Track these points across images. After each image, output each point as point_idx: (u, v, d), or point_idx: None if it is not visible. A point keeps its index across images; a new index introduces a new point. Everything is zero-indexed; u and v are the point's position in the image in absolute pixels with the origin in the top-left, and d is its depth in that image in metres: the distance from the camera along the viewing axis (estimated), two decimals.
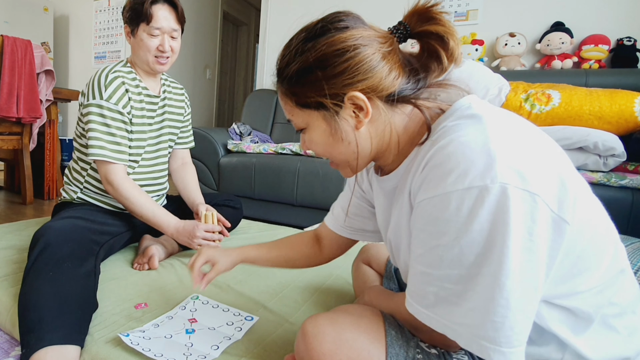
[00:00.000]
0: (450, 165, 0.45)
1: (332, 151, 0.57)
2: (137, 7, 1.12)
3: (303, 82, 0.54)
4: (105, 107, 1.11)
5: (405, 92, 0.54)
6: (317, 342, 0.52)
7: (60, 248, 0.89)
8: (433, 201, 0.46)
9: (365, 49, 0.51)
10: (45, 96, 2.38)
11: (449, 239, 0.45)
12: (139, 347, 0.72)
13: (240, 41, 5.54)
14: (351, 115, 0.53)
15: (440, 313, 0.47)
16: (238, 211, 1.52)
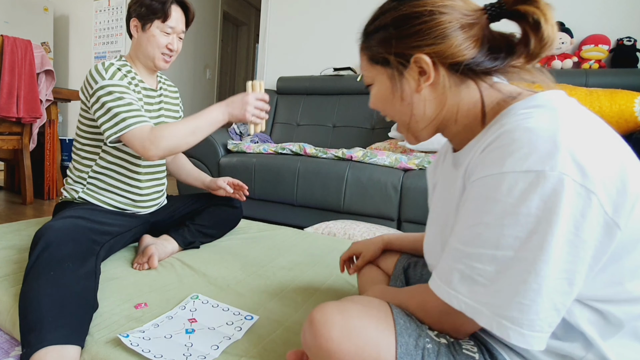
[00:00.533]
0: (513, 147, 0.45)
1: (390, 109, 0.60)
2: (155, 4, 1.16)
3: (378, 39, 0.57)
4: (112, 85, 1.10)
5: (474, 66, 0.53)
6: (325, 330, 0.51)
7: (61, 248, 0.89)
8: (486, 180, 0.46)
9: (443, 16, 0.52)
10: (45, 96, 2.38)
11: (492, 218, 0.45)
12: (139, 348, 0.72)
13: (240, 41, 5.54)
14: (414, 77, 0.55)
15: (462, 291, 0.47)
16: (238, 210, 1.52)
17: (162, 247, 1.23)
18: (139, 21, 1.19)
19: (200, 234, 1.37)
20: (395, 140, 2.21)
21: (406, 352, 0.50)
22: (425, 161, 1.79)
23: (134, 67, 1.24)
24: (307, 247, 1.45)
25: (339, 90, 2.64)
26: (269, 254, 1.33)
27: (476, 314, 0.46)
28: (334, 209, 1.93)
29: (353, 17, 2.79)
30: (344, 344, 0.50)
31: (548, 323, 0.44)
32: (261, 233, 1.60)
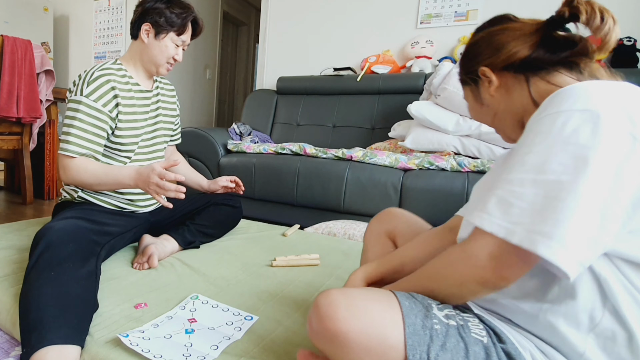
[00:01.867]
0: (569, 95, 0.50)
1: (479, 115, 0.73)
2: (175, 18, 1.19)
3: (461, 67, 0.73)
4: (83, 104, 1.11)
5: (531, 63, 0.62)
6: (331, 310, 0.51)
7: (62, 248, 0.89)
8: (542, 119, 0.51)
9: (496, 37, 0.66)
10: (45, 96, 2.38)
11: (541, 147, 0.49)
12: (138, 348, 0.72)
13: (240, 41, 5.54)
14: (485, 86, 0.68)
15: (496, 214, 0.50)
16: (237, 210, 1.52)
17: (162, 247, 1.23)
18: (153, 28, 1.20)
19: (200, 234, 1.37)
20: (395, 140, 2.21)
21: (414, 332, 0.50)
22: (426, 161, 1.79)
23: (129, 69, 1.24)
24: (307, 247, 1.45)
25: (339, 90, 2.64)
26: (269, 254, 1.33)
27: (508, 234, 0.48)
28: (334, 209, 1.93)
29: (353, 17, 2.79)
30: (350, 324, 0.50)
31: (577, 246, 0.45)
32: (261, 233, 1.60)
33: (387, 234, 0.91)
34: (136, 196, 1.27)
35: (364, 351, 0.49)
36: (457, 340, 0.50)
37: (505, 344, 0.52)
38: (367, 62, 2.62)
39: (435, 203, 1.68)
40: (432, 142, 1.94)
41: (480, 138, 1.84)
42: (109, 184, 1.10)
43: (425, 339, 0.49)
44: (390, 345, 0.49)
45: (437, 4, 2.52)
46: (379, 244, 0.90)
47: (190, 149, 2.27)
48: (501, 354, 0.51)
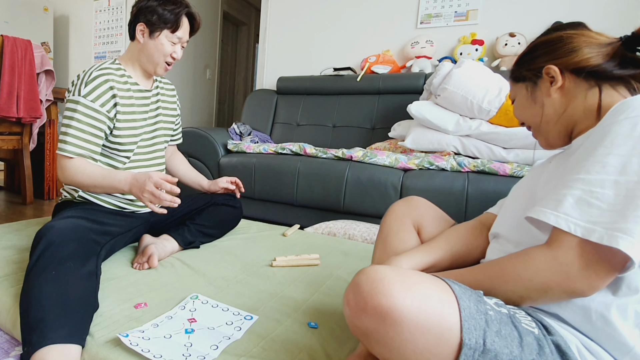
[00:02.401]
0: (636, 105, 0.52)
1: (526, 113, 0.72)
2: (168, 14, 1.17)
3: (521, 63, 0.73)
4: (81, 104, 1.11)
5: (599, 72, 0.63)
6: (383, 286, 0.47)
7: (63, 247, 0.89)
8: (621, 122, 0.52)
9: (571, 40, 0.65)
10: (45, 96, 2.38)
11: (623, 149, 0.50)
12: (138, 347, 0.72)
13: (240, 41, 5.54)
14: (545, 85, 0.67)
15: (573, 214, 0.50)
16: (238, 210, 1.52)
17: (162, 247, 1.23)
18: (147, 27, 1.19)
19: (201, 234, 1.37)
20: (395, 140, 2.21)
21: (470, 315, 0.48)
22: (426, 161, 1.79)
23: (128, 69, 1.24)
24: (307, 247, 1.45)
25: (339, 90, 2.64)
26: (269, 254, 1.33)
27: (587, 233, 0.48)
28: (334, 209, 1.93)
29: (353, 17, 2.79)
30: (407, 299, 0.46)
31: None
32: (261, 233, 1.60)
33: (413, 222, 0.84)
34: None
35: (420, 331, 0.46)
36: (511, 328, 0.49)
37: (554, 336, 0.51)
38: (367, 62, 2.62)
39: (435, 203, 1.65)
40: (432, 142, 1.94)
41: (480, 138, 1.84)
42: (105, 187, 1.09)
43: (481, 324, 0.48)
44: (447, 326, 0.46)
45: (437, 4, 2.52)
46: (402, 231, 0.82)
47: (190, 149, 2.27)
48: (552, 346, 0.50)
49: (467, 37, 2.41)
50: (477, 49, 2.35)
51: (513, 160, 1.74)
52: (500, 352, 0.47)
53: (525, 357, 0.47)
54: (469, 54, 2.35)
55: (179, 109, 1.47)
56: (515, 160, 1.74)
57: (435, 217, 0.86)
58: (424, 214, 0.85)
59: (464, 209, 1.62)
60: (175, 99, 1.44)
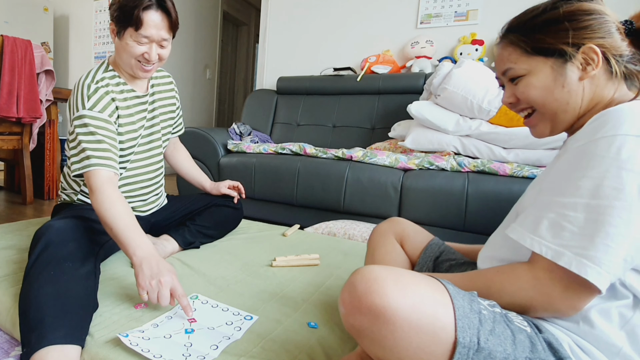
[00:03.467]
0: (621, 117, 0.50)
1: (548, 96, 0.62)
2: (127, 10, 1.01)
3: (547, 30, 0.61)
4: (89, 116, 1.04)
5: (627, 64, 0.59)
6: (377, 285, 0.47)
7: (62, 247, 0.89)
8: (597, 141, 0.51)
9: (607, 17, 0.59)
10: (45, 96, 2.38)
11: (596, 172, 0.50)
12: (138, 347, 0.72)
13: (240, 41, 5.54)
14: (578, 66, 0.59)
15: (547, 237, 0.51)
16: (238, 211, 1.52)
17: (162, 247, 1.23)
18: (116, 26, 1.06)
19: (201, 235, 1.37)
20: (395, 140, 2.21)
21: (464, 314, 0.48)
22: (426, 161, 1.79)
23: (121, 74, 1.16)
24: (307, 247, 1.45)
25: (339, 90, 2.64)
26: (269, 254, 1.33)
27: (557, 256, 0.49)
28: (334, 209, 1.93)
29: (353, 17, 2.79)
30: (400, 299, 0.46)
31: (616, 268, 0.48)
32: (261, 233, 1.60)
33: (394, 235, 0.89)
34: (137, 203, 1.27)
35: (413, 330, 0.46)
36: (504, 327, 0.50)
37: (544, 333, 0.52)
38: (367, 62, 2.62)
39: (435, 203, 1.68)
40: (432, 142, 1.94)
41: (480, 138, 1.84)
42: (116, 236, 0.94)
43: (475, 322, 0.48)
44: (441, 325, 0.47)
45: (437, 4, 2.52)
46: (387, 244, 0.88)
47: (190, 149, 2.26)
48: (544, 343, 0.51)
49: (467, 37, 2.41)
50: (477, 49, 2.35)
51: (513, 160, 1.74)
52: (494, 350, 0.47)
53: (518, 355, 0.48)
54: (469, 54, 2.35)
55: (178, 101, 1.39)
56: (515, 160, 1.74)
57: (415, 230, 0.90)
58: (405, 228, 0.90)
59: (464, 209, 1.62)
60: (173, 91, 1.35)
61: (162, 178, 1.37)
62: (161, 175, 1.35)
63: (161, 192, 1.38)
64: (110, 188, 0.99)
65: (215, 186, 1.50)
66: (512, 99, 0.66)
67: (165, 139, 1.33)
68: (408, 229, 0.89)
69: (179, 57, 4.13)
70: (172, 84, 1.36)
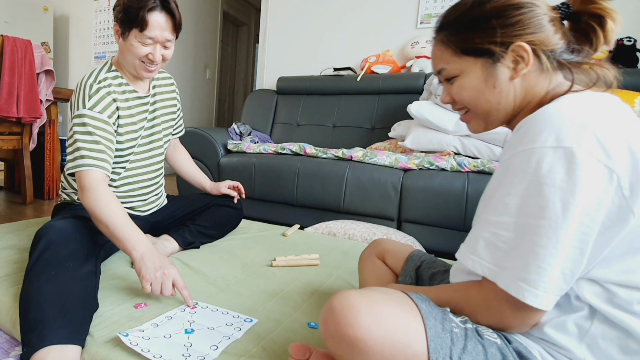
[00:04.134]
0: (540, 126, 0.49)
1: (479, 98, 0.61)
2: (132, 11, 1.02)
3: (475, 29, 0.58)
4: (89, 116, 1.04)
5: (564, 56, 0.57)
6: (350, 315, 0.48)
7: (62, 247, 0.89)
8: (518, 155, 0.50)
9: (538, 9, 0.56)
10: (45, 96, 2.38)
11: (520, 188, 0.49)
12: (138, 347, 0.72)
13: (240, 41, 5.54)
14: (509, 65, 0.57)
15: (486, 257, 0.51)
16: (238, 212, 1.52)
17: (162, 247, 1.23)
18: (120, 27, 1.07)
19: (201, 235, 1.36)
20: (395, 140, 2.21)
21: (435, 335, 0.49)
22: (426, 161, 1.79)
23: (124, 75, 1.16)
24: (307, 247, 1.45)
25: (339, 90, 2.64)
26: (269, 254, 1.33)
27: (497, 277, 0.50)
28: (334, 209, 1.93)
29: (353, 17, 2.79)
30: (373, 330, 0.48)
31: (555, 285, 0.47)
32: (261, 233, 1.60)
33: (376, 255, 0.95)
34: (136, 203, 1.27)
35: (386, 359, 0.48)
36: (476, 342, 0.50)
37: (513, 343, 0.52)
38: (367, 62, 2.62)
39: (435, 203, 1.68)
40: (432, 142, 1.94)
41: (480, 138, 1.84)
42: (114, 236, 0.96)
43: (447, 342, 0.49)
44: (413, 353, 0.48)
45: (437, 4, 2.52)
46: (370, 264, 0.94)
47: (190, 149, 2.26)
48: (514, 353, 0.51)
49: None
50: None
51: None
52: None
53: None
54: None
55: (178, 102, 1.39)
56: None
57: (395, 246, 0.95)
58: (385, 246, 0.95)
59: (464, 209, 1.62)
60: (174, 92, 1.36)
61: (162, 178, 1.37)
62: (161, 175, 1.35)
63: (161, 192, 1.38)
64: (104, 188, 1.01)
65: (215, 186, 1.50)
66: (448, 99, 0.65)
67: (166, 139, 1.33)
68: (388, 246, 0.94)
69: (179, 57, 4.13)
70: (174, 86, 1.37)
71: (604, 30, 0.57)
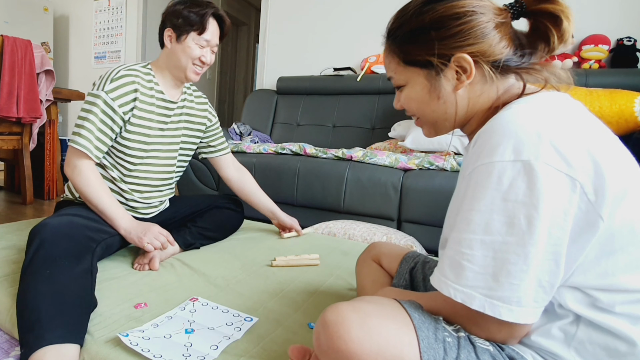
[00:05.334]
0: (496, 139, 0.48)
1: (425, 108, 0.61)
2: (193, 16, 1.16)
3: (414, 41, 0.58)
4: (102, 99, 1.09)
5: (510, 63, 0.56)
6: (343, 330, 0.48)
7: (56, 245, 0.89)
8: (479, 169, 0.49)
9: (480, 17, 0.55)
10: (45, 96, 2.38)
11: (483, 204, 0.48)
12: (138, 347, 0.72)
13: (240, 41, 5.54)
14: (453, 76, 0.57)
15: (451, 277, 0.50)
16: (239, 214, 1.52)
17: None
18: (174, 32, 1.18)
19: (201, 236, 1.36)
20: (395, 140, 2.21)
21: (428, 346, 0.49)
22: (426, 161, 1.79)
23: (158, 76, 1.22)
24: (307, 247, 1.45)
25: (339, 90, 2.64)
26: (269, 254, 1.33)
27: (467, 298, 0.48)
28: (334, 209, 1.93)
29: (353, 17, 2.79)
30: (365, 344, 0.47)
31: (533, 298, 0.47)
32: (261, 233, 1.60)
33: (372, 258, 0.96)
34: (138, 203, 1.27)
35: None
36: (468, 351, 0.50)
37: (505, 350, 0.52)
38: (367, 62, 2.62)
39: (435, 203, 1.67)
40: (432, 142, 1.94)
41: None
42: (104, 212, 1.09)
43: (440, 353, 0.49)
44: None
45: None
46: (366, 268, 0.95)
47: None
48: (507, 359, 0.51)
49: None
50: None
51: None
52: None
53: None
54: None
55: (211, 121, 1.42)
56: None
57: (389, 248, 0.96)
58: (379, 249, 0.96)
59: None
60: (207, 111, 1.40)
61: (170, 190, 1.38)
62: (169, 187, 1.36)
63: (166, 200, 1.39)
64: (93, 172, 1.11)
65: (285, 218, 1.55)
66: (399, 106, 0.66)
67: (182, 153, 1.34)
68: (382, 249, 0.95)
69: None
70: (207, 106, 1.42)
71: (559, 30, 0.54)
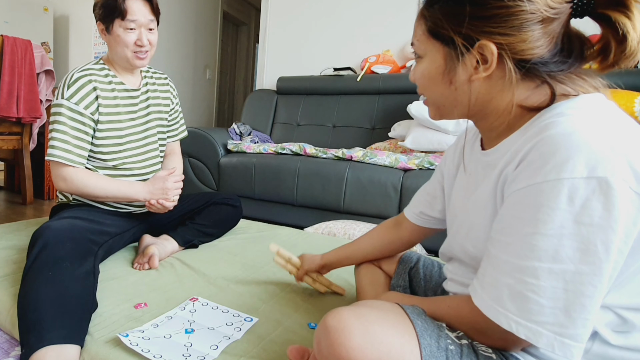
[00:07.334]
0: (564, 152, 0.42)
1: (434, 90, 0.56)
2: (110, 3, 1.10)
3: (446, 12, 0.51)
4: (65, 106, 1.09)
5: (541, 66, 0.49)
6: (344, 337, 0.47)
7: (59, 248, 0.89)
8: (540, 187, 0.43)
9: (527, 5, 0.47)
10: (45, 96, 2.38)
11: (550, 227, 0.42)
12: (138, 347, 0.72)
13: (240, 41, 5.54)
14: (472, 64, 0.50)
15: (512, 309, 0.44)
16: (237, 210, 1.52)
17: (162, 247, 1.23)
18: (103, 24, 1.15)
19: (200, 233, 1.36)
20: (395, 140, 2.21)
21: (430, 354, 0.47)
22: (426, 161, 1.79)
23: (113, 69, 1.22)
24: (307, 247, 1.45)
25: (339, 90, 2.64)
26: (269, 254, 1.33)
27: (533, 335, 0.43)
28: (334, 209, 1.93)
29: (353, 17, 2.79)
30: (367, 353, 0.46)
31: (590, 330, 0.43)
32: (261, 233, 1.60)
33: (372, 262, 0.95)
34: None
35: None
36: (471, 359, 0.49)
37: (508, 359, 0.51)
38: (367, 62, 2.62)
39: None
40: (432, 142, 1.94)
41: None
42: (116, 196, 1.14)
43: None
44: None
45: None
46: (364, 269, 0.94)
47: (190, 149, 2.27)
48: None
49: None
50: None
51: None
52: None
53: None
54: None
55: (173, 102, 1.39)
56: None
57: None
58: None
59: None
60: (169, 92, 1.37)
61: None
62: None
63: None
64: (83, 172, 1.12)
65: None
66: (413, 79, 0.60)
67: (160, 136, 1.33)
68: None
69: (179, 58, 4.13)
70: (169, 85, 1.38)
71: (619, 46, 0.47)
